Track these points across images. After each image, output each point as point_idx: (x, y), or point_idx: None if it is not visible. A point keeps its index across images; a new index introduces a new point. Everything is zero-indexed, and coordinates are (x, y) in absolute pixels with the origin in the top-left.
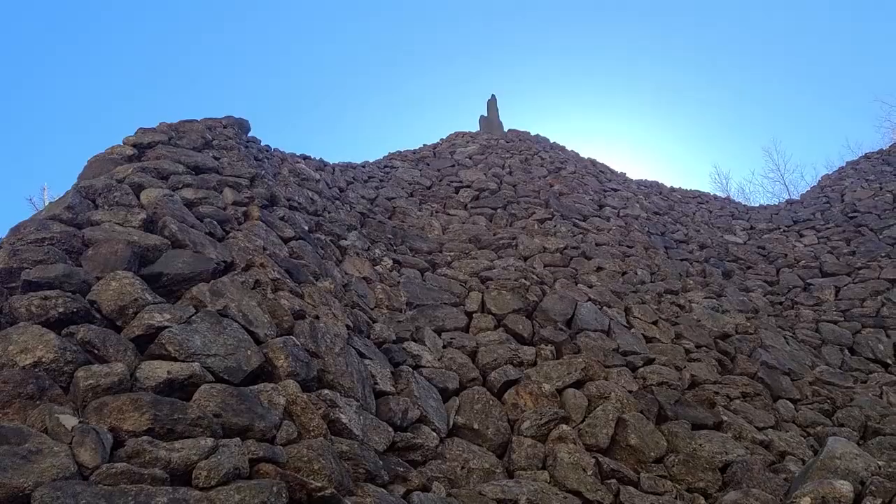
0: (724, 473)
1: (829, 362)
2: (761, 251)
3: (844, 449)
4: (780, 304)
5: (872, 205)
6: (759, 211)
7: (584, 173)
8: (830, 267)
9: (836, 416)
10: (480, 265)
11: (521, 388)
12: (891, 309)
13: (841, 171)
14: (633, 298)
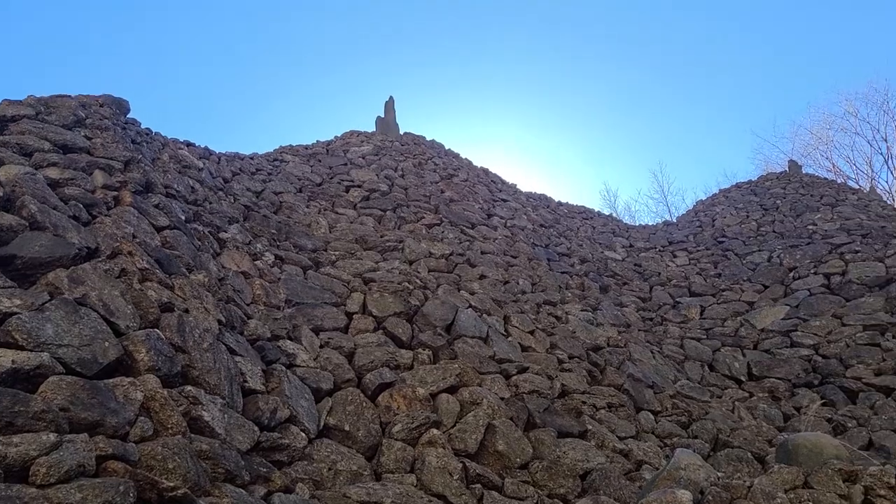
0: (584, 480)
1: (690, 377)
2: (637, 268)
3: (689, 461)
4: (650, 319)
5: (739, 231)
6: (638, 230)
7: (476, 182)
8: (698, 287)
9: (692, 428)
10: (365, 266)
11: (395, 391)
12: (748, 330)
13: (714, 198)
14: (513, 308)
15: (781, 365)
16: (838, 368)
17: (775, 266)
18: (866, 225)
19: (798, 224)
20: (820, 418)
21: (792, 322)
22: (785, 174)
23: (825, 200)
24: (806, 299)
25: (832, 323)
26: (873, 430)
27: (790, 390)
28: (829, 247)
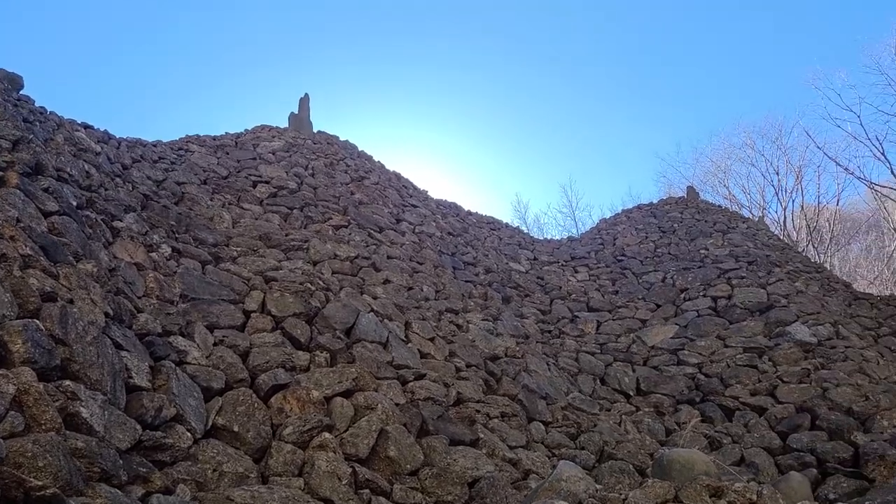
0: (472, 488)
1: (583, 390)
2: (540, 281)
3: (570, 473)
4: (549, 332)
5: (638, 251)
6: (543, 244)
7: (387, 185)
8: (596, 303)
9: (580, 439)
10: (267, 264)
11: (289, 393)
12: (639, 346)
13: (616, 218)
14: (415, 314)
15: (668, 382)
16: (718, 387)
17: (668, 287)
18: (753, 252)
19: (692, 248)
20: (699, 434)
21: (680, 341)
22: (683, 199)
23: (718, 227)
24: (694, 320)
25: (716, 344)
26: (745, 447)
27: (674, 406)
28: (718, 271)
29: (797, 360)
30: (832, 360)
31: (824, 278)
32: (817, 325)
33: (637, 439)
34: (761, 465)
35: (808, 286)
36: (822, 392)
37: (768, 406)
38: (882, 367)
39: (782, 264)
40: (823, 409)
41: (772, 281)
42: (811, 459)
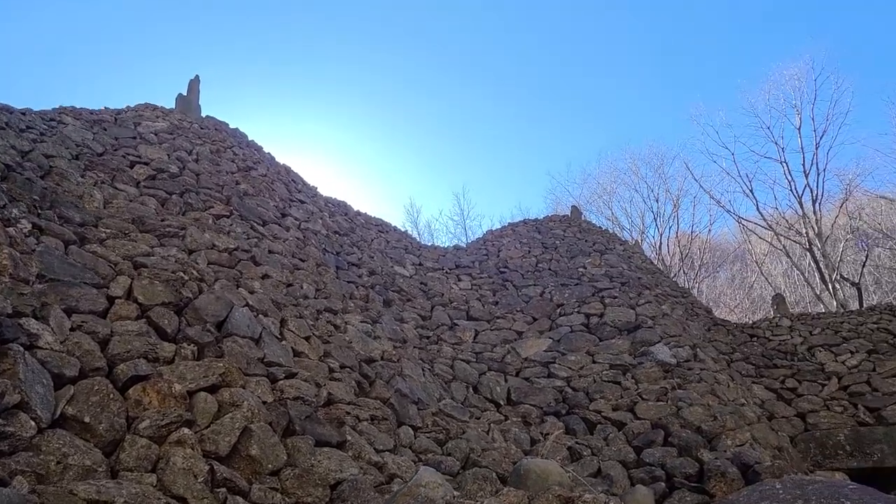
0: (334, 490)
1: (455, 397)
2: (423, 287)
3: (430, 479)
4: (427, 338)
5: (520, 265)
6: (430, 250)
7: (276, 178)
8: (476, 312)
9: (448, 446)
10: (138, 249)
11: (149, 385)
12: (514, 357)
13: (503, 230)
14: (292, 311)
15: (537, 393)
16: (584, 401)
17: (546, 301)
18: (627, 274)
19: (571, 265)
20: (561, 445)
21: (552, 354)
22: (567, 218)
23: (597, 247)
24: (567, 335)
25: (585, 359)
26: (603, 460)
27: (541, 417)
28: (593, 289)
29: (657, 378)
30: (688, 380)
31: (689, 303)
32: (678, 347)
33: (503, 448)
34: (616, 477)
35: (674, 310)
36: (676, 410)
37: (627, 421)
38: (732, 389)
39: (652, 287)
40: (676, 426)
41: (641, 302)
42: (661, 474)
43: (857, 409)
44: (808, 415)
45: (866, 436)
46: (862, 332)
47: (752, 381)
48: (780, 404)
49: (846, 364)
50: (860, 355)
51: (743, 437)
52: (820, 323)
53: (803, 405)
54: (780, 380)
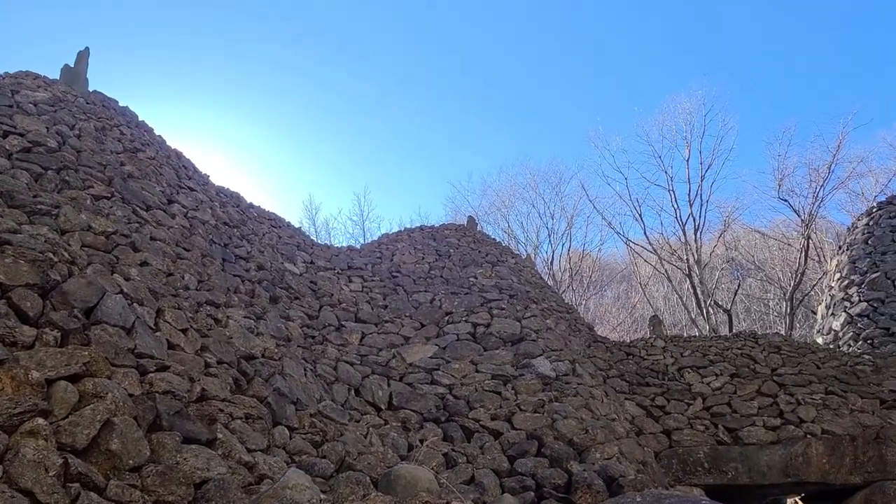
0: (199, 490)
1: (336, 399)
2: (313, 286)
3: (297, 481)
4: (313, 338)
5: (412, 270)
6: (323, 249)
7: (165, 163)
8: (364, 315)
9: (323, 448)
10: (4, 226)
11: (3, 370)
12: (398, 362)
13: (399, 235)
14: (171, 302)
15: (419, 399)
16: (464, 409)
17: (435, 308)
18: (516, 287)
19: (463, 274)
20: (437, 452)
21: (437, 361)
22: (462, 227)
23: (489, 258)
24: (453, 343)
25: (469, 368)
26: (477, 468)
27: (420, 423)
28: (482, 300)
29: (536, 391)
30: (565, 394)
31: (573, 319)
32: (558, 361)
33: (380, 452)
34: (488, 485)
35: (558, 324)
36: (551, 422)
37: (504, 431)
38: (605, 404)
39: (539, 301)
40: (550, 438)
41: (527, 315)
42: (531, 483)
43: (718, 429)
44: (673, 432)
45: (723, 454)
46: (727, 357)
47: (625, 398)
48: (648, 421)
49: (711, 386)
50: (724, 378)
51: (611, 451)
52: (690, 345)
53: (670, 423)
54: (650, 397)
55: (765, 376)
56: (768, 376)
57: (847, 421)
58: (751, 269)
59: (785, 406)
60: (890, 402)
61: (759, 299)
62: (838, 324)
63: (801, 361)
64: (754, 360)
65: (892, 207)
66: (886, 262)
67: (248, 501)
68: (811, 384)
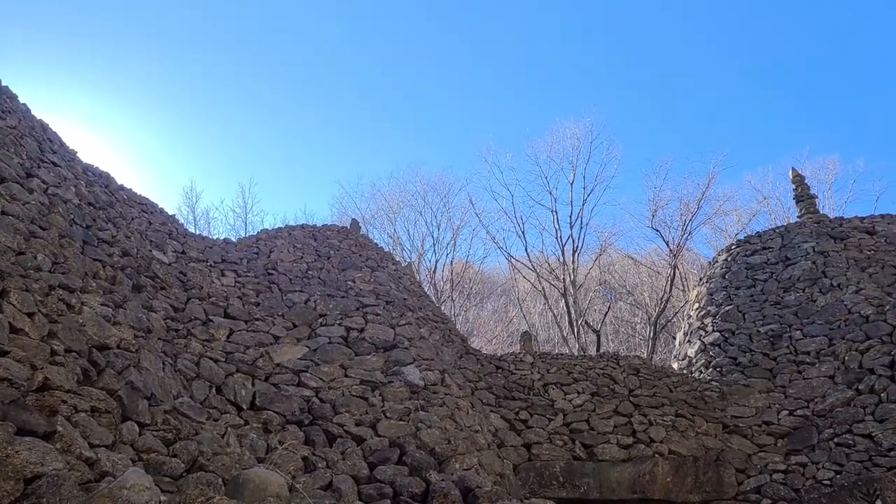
0: (30, 485)
1: (195, 396)
2: (182, 277)
3: (136, 481)
4: (177, 331)
5: (290, 269)
6: (197, 239)
7: (27, 134)
8: (235, 311)
9: (175, 446)
10: None
11: None
12: (266, 362)
13: (279, 231)
14: (19, 283)
15: (283, 401)
16: (329, 413)
17: (310, 309)
18: (393, 294)
19: (341, 277)
20: (297, 455)
21: (306, 363)
22: (345, 229)
23: (369, 263)
24: (324, 346)
25: (338, 371)
26: (337, 473)
27: (283, 425)
28: (358, 304)
29: (403, 399)
30: (432, 403)
31: (447, 329)
32: (428, 371)
33: (236, 453)
34: (345, 491)
35: (432, 334)
36: (415, 431)
37: (368, 437)
38: (470, 416)
39: (415, 310)
40: (412, 446)
41: (402, 323)
42: (389, 491)
43: (575, 445)
44: (533, 446)
45: (578, 469)
46: (590, 376)
47: (490, 410)
48: (511, 434)
49: (573, 403)
50: (585, 396)
51: (471, 462)
52: (557, 363)
53: (531, 436)
54: (515, 411)
55: (622, 396)
56: (626, 397)
57: (692, 443)
58: (622, 293)
59: (638, 426)
60: (731, 427)
61: (627, 322)
62: (693, 351)
63: (657, 384)
64: (614, 381)
65: (749, 246)
66: (739, 296)
67: (84, 499)
68: (663, 406)
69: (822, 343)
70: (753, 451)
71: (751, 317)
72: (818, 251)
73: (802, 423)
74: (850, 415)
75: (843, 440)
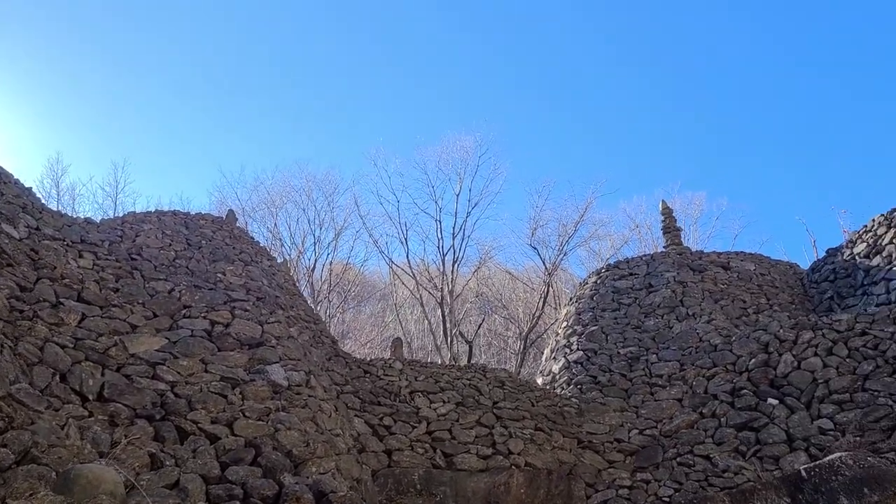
0: None
1: (35, 382)
2: (34, 254)
3: None
4: (21, 312)
5: (156, 255)
6: (55, 216)
7: None
8: (90, 295)
9: (7, 435)
10: None
11: None
12: (120, 351)
13: (147, 215)
14: None
15: (135, 393)
16: (184, 409)
17: (174, 299)
18: (265, 290)
19: (211, 269)
20: (144, 451)
21: (163, 356)
22: (221, 220)
23: (243, 256)
24: (186, 338)
25: (198, 366)
26: (185, 472)
27: (132, 419)
28: (226, 298)
29: (265, 398)
30: (294, 404)
31: (318, 330)
32: (294, 371)
33: (76, 446)
34: (193, 491)
35: (301, 334)
36: (274, 432)
37: (223, 436)
38: (333, 419)
39: (287, 308)
40: (269, 447)
41: (271, 321)
42: (239, 492)
43: (436, 453)
44: (394, 452)
45: (436, 477)
46: (457, 386)
47: (355, 414)
48: (373, 439)
49: (437, 411)
50: (450, 405)
51: (328, 466)
52: (426, 371)
53: (393, 443)
54: (379, 417)
55: (486, 408)
56: (489, 408)
57: (548, 456)
58: (497, 307)
59: (498, 437)
60: (586, 443)
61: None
62: (557, 367)
63: (520, 398)
64: (480, 392)
65: (618, 270)
66: (605, 318)
67: None
68: (524, 419)
69: (674, 367)
70: (604, 466)
71: (613, 338)
72: (678, 281)
73: (650, 443)
74: (692, 436)
75: (684, 460)
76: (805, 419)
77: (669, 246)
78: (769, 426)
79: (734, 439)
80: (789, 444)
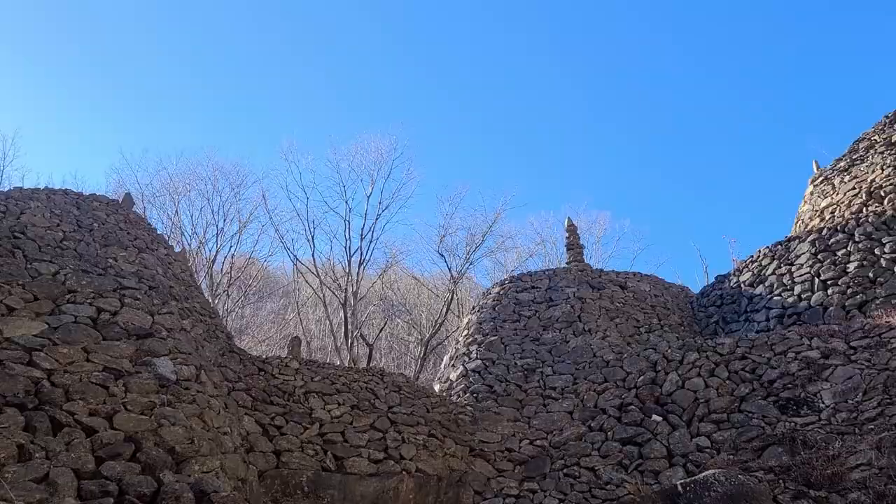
0: None
1: None
2: None
3: None
4: None
5: (41, 235)
6: None
7: None
8: None
9: None
10: None
11: None
12: None
13: (35, 192)
14: None
15: (6, 380)
16: (60, 399)
17: (58, 283)
18: (159, 279)
19: (102, 253)
20: (12, 442)
21: (42, 342)
22: (117, 203)
23: (137, 243)
24: (68, 325)
25: (79, 355)
26: (56, 465)
27: (0, 407)
28: (116, 284)
29: (149, 392)
30: (181, 400)
31: (213, 324)
32: (183, 365)
33: None
34: (63, 485)
35: (195, 327)
36: (156, 427)
37: (101, 429)
38: (221, 417)
39: (181, 300)
40: (150, 443)
41: (163, 311)
42: (114, 489)
43: (326, 456)
44: (283, 453)
45: (325, 480)
46: (353, 388)
47: (245, 413)
48: (263, 439)
49: (331, 413)
50: (345, 408)
51: (213, 465)
52: (323, 372)
53: (283, 443)
54: (271, 416)
55: (381, 412)
56: (384, 412)
57: (439, 463)
58: (401, 311)
59: (391, 442)
60: (477, 451)
61: (401, 340)
62: (455, 375)
63: (416, 403)
64: (376, 396)
65: (521, 283)
66: (505, 329)
67: None
68: (419, 425)
69: (567, 381)
70: (493, 475)
71: (511, 349)
72: (578, 297)
73: (539, 453)
74: (580, 449)
75: (570, 471)
76: (685, 436)
77: (572, 262)
78: (652, 441)
79: (619, 453)
80: (669, 459)
